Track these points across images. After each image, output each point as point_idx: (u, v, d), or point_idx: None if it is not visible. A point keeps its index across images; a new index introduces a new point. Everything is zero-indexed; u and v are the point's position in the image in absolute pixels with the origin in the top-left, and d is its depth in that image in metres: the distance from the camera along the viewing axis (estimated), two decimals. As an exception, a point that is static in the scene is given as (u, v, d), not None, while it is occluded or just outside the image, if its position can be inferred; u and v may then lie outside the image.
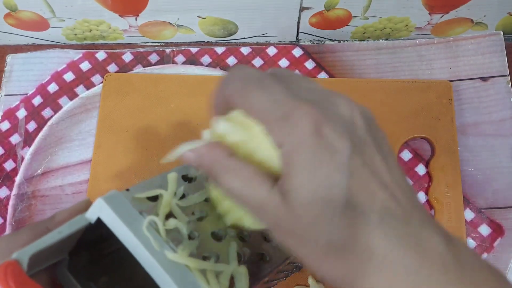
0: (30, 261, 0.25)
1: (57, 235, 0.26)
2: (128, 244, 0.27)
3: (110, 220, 0.27)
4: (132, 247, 0.27)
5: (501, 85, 0.51)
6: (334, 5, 0.50)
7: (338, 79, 0.52)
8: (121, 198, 0.28)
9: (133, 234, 0.26)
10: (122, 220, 0.27)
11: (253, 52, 0.54)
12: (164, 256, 0.27)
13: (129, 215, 0.27)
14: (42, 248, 0.25)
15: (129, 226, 0.27)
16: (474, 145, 0.49)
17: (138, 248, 0.26)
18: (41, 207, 0.49)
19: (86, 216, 0.28)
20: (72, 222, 0.27)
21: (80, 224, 0.27)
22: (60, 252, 0.28)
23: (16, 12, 0.52)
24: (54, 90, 0.53)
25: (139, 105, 0.51)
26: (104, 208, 0.27)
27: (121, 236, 0.27)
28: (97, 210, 0.27)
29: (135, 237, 0.26)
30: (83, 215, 0.28)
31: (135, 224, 0.27)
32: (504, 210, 0.47)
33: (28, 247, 0.25)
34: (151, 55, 0.54)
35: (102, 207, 0.27)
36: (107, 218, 0.27)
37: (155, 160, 0.49)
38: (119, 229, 0.27)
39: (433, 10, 0.51)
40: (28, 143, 0.51)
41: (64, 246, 0.28)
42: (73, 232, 0.27)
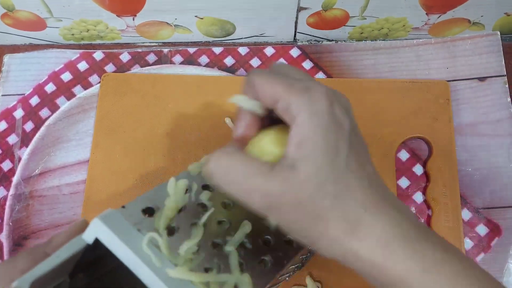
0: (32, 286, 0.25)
1: (55, 259, 0.26)
2: (128, 263, 0.26)
3: (108, 240, 0.27)
4: (133, 265, 0.26)
5: (498, 85, 0.51)
6: (332, 5, 0.50)
7: (335, 79, 0.52)
8: (117, 216, 0.28)
9: (133, 252, 0.26)
10: (120, 238, 0.27)
11: (250, 52, 0.54)
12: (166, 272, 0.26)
13: (127, 233, 0.27)
14: (42, 274, 0.25)
15: (128, 244, 0.27)
16: (472, 145, 0.49)
17: (139, 266, 0.26)
18: (38, 207, 0.49)
19: (84, 238, 0.27)
20: (70, 244, 0.27)
21: (78, 246, 0.27)
22: (60, 274, 0.28)
23: (13, 12, 0.52)
24: (52, 90, 0.53)
25: (137, 105, 0.51)
26: (101, 228, 0.27)
27: (120, 255, 0.27)
28: (94, 230, 0.27)
29: (135, 255, 0.26)
30: (80, 237, 0.28)
31: (134, 242, 0.27)
32: (501, 209, 0.47)
33: (28, 274, 0.25)
34: (149, 55, 0.54)
35: (99, 227, 0.27)
36: (105, 238, 0.27)
37: (153, 160, 0.49)
38: (118, 248, 0.27)
39: (430, 10, 0.51)
40: (25, 143, 0.51)
41: (63, 269, 0.28)
42: (72, 255, 0.27)
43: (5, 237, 0.48)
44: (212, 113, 0.50)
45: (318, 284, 0.44)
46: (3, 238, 0.48)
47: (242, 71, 0.53)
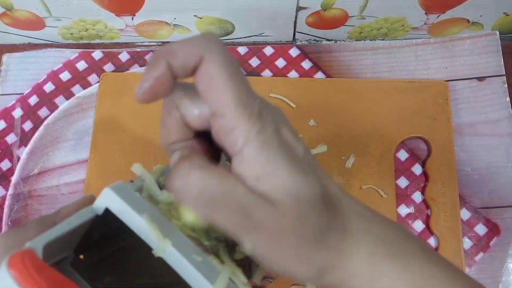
0: (43, 252, 0.24)
1: (67, 225, 0.26)
2: (139, 231, 0.26)
3: (119, 209, 0.26)
4: (143, 234, 0.26)
5: (497, 85, 0.51)
6: (331, 5, 0.50)
7: (334, 79, 0.52)
8: (127, 188, 0.28)
9: (144, 221, 0.26)
10: (132, 207, 0.26)
11: (250, 51, 0.54)
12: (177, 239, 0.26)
13: (138, 204, 0.27)
14: (54, 238, 0.25)
15: (139, 212, 0.26)
16: (470, 144, 0.49)
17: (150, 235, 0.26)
18: (37, 207, 0.49)
19: (94, 207, 0.27)
20: (80, 213, 0.27)
21: (88, 216, 0.27)
22: (66, 247, 0.28)
23: (12, 11, 0.52)
24: (50, 89, 0.53)
25: (136, 105, 0.51)
26: (112, 197, 0.27)
27: (130, 224, 0.26)
28: (105, 200, 0.27)
29: (147, 223, 0.26)
30: (90, 207, 0.27)
31: (144, 212, 0.27)
32: (500, 209, 0.47)
33: (41, 237, 0.25)
34: (148, 55, 0.54)
35: (110, 196, 0.27)
36: (116, 207, 0.26)
37: (152, 160, 0.49)
38: (129, 218, 0.26)
39: (429, 10, 0.51)
40: (24, 142, 0.51)
41: (70, 241, 0.27)
42: (81, 223, 0.26)
43: (4, 237, 0.48)
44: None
45: (317, 283, 0.44)
46: (2, 237, 0.48)
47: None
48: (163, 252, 0.26)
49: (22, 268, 0.22)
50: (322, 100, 0.51)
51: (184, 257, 0.25)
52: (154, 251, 0.26)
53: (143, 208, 0.27)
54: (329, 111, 0.50)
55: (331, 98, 0.50)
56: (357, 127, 0.49)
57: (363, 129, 0.49)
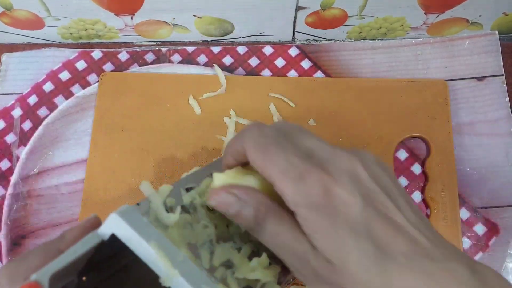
0: (49, 282, 0.24)
1: (72, 253, 0.26)
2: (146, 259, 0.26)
3: (126, 236, 0.26)
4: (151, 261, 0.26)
5: (496, 84, 0.51)
6: (330, 5, 0.50)
7: (334, 78, 0.52)
8: (134, 212, 0.28)
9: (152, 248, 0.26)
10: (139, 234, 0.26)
11: (249, 51, 0.54)
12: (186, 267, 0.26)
13: (146, 230, 0.27)
14: (60, 268, 0.25)
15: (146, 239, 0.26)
16: (470, 144, 0.49)
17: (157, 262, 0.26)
18: (36, 206, 0.49)
19: (99, 233, 0.27)
20: (86, 240, 0.26)
21: (94, 241, 0.27)
22: (70, 273, 0.27)
23: (11, 11, 0.52)
24: (50, 89, 0.53)
25: (135, 105, 0.51)
26: (119, 223, 0.26)
27: (138, 251, 0.26)
28: (112, 226, 0.27)
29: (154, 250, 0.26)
30: (95, 232, 0.27)
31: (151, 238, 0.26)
32: (499, 209, 0.47)
33: (47, 267, 0.24)
34: (147, 54, 0.54)
35: (117, 222, 0.26)
36: (123, 233, 0.26)
37: (151, 160, 0.49)
38: (136, 245, 0.26)
39: (428, 9, 0.51)
40: (24, 142, 0.51)
41: (75, 267, 0.27)
42: (87, 250, 0.26)
43: (3, 237, 0.48)
44: (211, 112, 0.50)
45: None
46: (1, 237, 0.48)
47: (241, 70, 0.53)
48: (171, 282, 0.26)
49: None
50: (321, 99, 0.51)
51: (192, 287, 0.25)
52: (162, 280, 0.26)
53: (150, 234, 0.27)
54: (329, 111, 0.50)
55: (331, 97, 0.50)
56: (357, 127, 0.49)
57: (363, 128, 0.49)
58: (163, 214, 0.29)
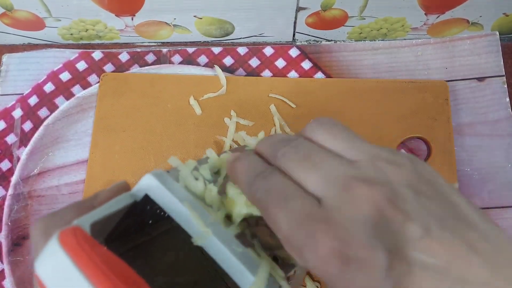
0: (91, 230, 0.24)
1: (109, 207, 0.26)
2: (179, 219, 0.26)
3: (160, 196, 0.26)
4: (184, 221, 0.26)
5: (497, 85, 0.51)
6: (331, 6, 0.50)
7: (334, 79, 0.52)
8: (167, 176, 0.28)
9: (186, 208, 0.26)
10: (174, 195, 0.26)
11: (249, 52, 0.54)
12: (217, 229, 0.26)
13: (178, 192, 0.27)
14: (99, 219, 0.25)
15: (180, 199, 0.26)
16: (470, 145, 0.49)
17: (192, 223, 0.25)
18: (37, 207, 0.49)
19: (133, 193, 0.27)
20: (120, 198, 0.26)
21: (128, 201, 0.27)
22: (104, 232, 0.27)
23: (12, 11, 0.52)
24: (50, 90, 0.53)
25: (136, 105, 0.51)
26: (154, 183, 0.26)
27: (171, 211, 0.26)
28: (146, 186, 0.27)
29: (188, 210, 0.26)
30: (129, 193, 0.27)
31: (185, 200, 0.26)
32: (500, 210, 0.47)
33: (87, 215, 0.24)
34: (148, 55, 0.54)
35: (151, 182, 0.26)
36: (157, 193, 0.26)
37: (152, 160, 0.49)
38: (170, 205, 0.26)
39: (429, 10, 0.51)
40: (24, 143, 0.51)
41: (102, 230, 0.27)
42: (122, 208, 0.26)
43: (4, 237, 0.48)
44: (211, 113, 0.50)
45: (317, 284, 0.44)
46: (2, 238, 0.48)
47: (241, 71, 0.53)
48: (204, 241, 0.25)
49: (75, 243, 0.21)
50: (322, 100, 0.51)
51: (226, 247, 0.25)
52: (194, 239, 0.25)
53: (183, 196, 0.27)
54: (329, 112, 0.50)
55: (331, 98, 0.50)
56: (357, 128, 0.49)
57: (363, 129, 0.49)
58: (191, 182, 0.29)
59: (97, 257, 0.20)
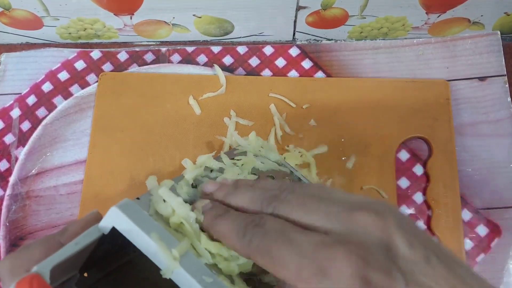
0: (51, 275, 0.24)
1: (74, 246, 0.26)
2: (146, 251, 0.26)
3: (126, 229, 0.26)
4: (151, 254, 0.26)
5: (498, 85, 0.51)
6: (331, 4, 0.50)
7: (335, 78, 0.52)
8: (134, 206, 0.28)
9: (152, 240, 0.26)
10: (139, 227, 0.26)
11: (249, 51, 0.54)
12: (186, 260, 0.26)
13: (146, 223, 0.27)
14: (61, 261, 0.25)
15: (146, 232, 0.26)
16: (472, 145, 0.49)
17: (158, 255, 0.26)
18: (35, 207, 0.48)
19: (100, 226, 0.27)
20: (87, 233, 0.27)
21: (95, 235, 0.27)
22: (71, 268, 0.27)
23: (10, 10, 0.52)
24: (49, 89, 0.53)
25: (135, 105, 0.51)
26: (119, 216, 0.26)
27: (138, 244, 0.26)
28: (112, 219, 0.27)
29: (154, 243, 0.26)
30: (97, 226, 0.27)
31: (151, 231, 0.27)
32: (501, 210, 0.47)
33: (48, 260, 0.24)
34: (147, 54, 0.54)
35: (117, 215, 0.26)
36: (123, 226, 0.26)
37: (151, 160, 0.48)
38: (137, 238, 0.26)
39: (430, 9, 0.51)
40: (22, 143, 0.51)
41: (76, 261, 0.27)
42: (88, 244, 0.26)
43: (2, 238, 0.47)
44: (210, 113, 0.50)
45: None
46: (0, 239, 0.47)
47: (241, 70, 0.53)
48: (171, 274, 0.25)
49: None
50: (322, 100, 0.50)
51: (194, 279, 0.25)
52: (163, 272, 0.26)
53: (151, 227, 0.27)
54: (330, 111, 0.50)
55: (332, 98, 0.50)
56: (358, 127, 0.49)
57: (364, 129, 0.49)
58: (160, 205, 0.29)
59: None
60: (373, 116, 0.49)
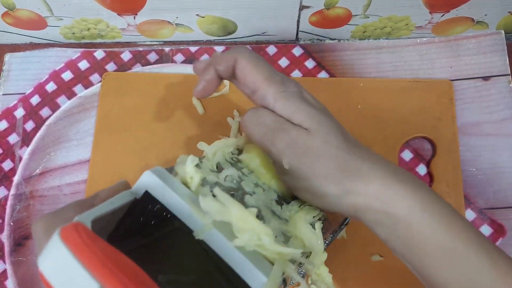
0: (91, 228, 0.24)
1: (110, 205, 0.26)
2: (180, 214, 0.26)
3: (160, 192, 0.26)
4: (184, 216, 0.26)
5: (502, 84, 0.51)
6: (334, 4, 0.50)
7: (338, 78, 0.52)
8: (166, 173, 0.28)
9: (186, 202, 0.26)
10: (173, 189, 0.26)
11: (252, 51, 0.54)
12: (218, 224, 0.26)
13: (178, 188, 0.27)
14: (99, 216, 0.25)
15: (179, 194, 0.26)
16: (475, 145, 0.49)
17: (193, 218, 0.26)
18: (39, 207, 0.48)
19: (133, 191, 0.27)
20: (120, 196, 0.27)
21: (128, 198, 0.27)
22: (104, 230, 0.27)
23: (14, 11, 0.52)
24: (52, 89, 0.53)
25: (138, 104, 0.51)
26: (153, 180, 0.27)
27: (171, 206, 0.26)
28: (145, 182, 0.27)
29: (188, 205, 0.26)
30: (129, 191, 0.27)
31: (185, 193, 0.27)
32: (505, 210, 0.47)
33: (88, 212, 0.24)
34: (150, 54, 0.54)
35: (151, 178, 0.27)
36: (157, 189, 0.26)
37: (154, 160, 0.49)
38: (170, 200, 0.26)
39: (433, 9, 0.51)
40: (26, 142, 0.51)
41: (104, 228, 0.27)
42: (122, 205, 0.26)
43: (6, 237, 0.48)
44: (214, 112, 0.50)
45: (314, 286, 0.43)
46: (4, 238, 0.48)
47: (244, 70, 0.53)
48: (204, 234, 0.25)
49: (77, 238, 0.21)
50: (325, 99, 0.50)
51: (227, 239, 0.25)
52: (195, 233, 0.26)
53: (183, 192, 0.27)
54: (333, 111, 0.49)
55: (335, 97, 0.50)
56: (361, 127, 0.49)
57: (367, 128, 0.49)
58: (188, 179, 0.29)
59: (100, 251, 0.20)
60: (376, 115, 0.49)
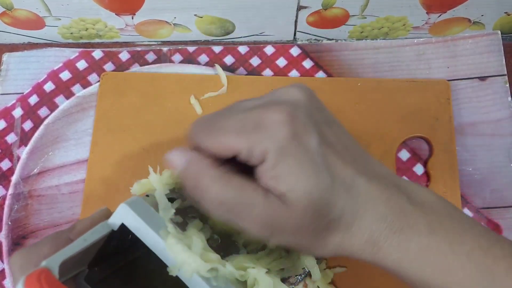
0: (59, 270, 0.24)
1: (82, 242, 0.26)
2: (154, 248, 0.26)
3: (135, 225, 0.27)
4: (159, 251, 0.26)
5: (498, 84, 0.51)
6: (332, 4, 0.50)
7: (335, 78, 0.52)
8: (143, 203, 0.28)
9: (160, 237, 0.26)
10: (148, 224, 0.26)
11: (250, 51, 0.54)
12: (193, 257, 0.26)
13: (154, 220, 0.27)
14: (70, 256, 0.25)
15: (155, 229, 0.26)
16: (472, 144, 0.49)
17: (165, 252, 0.26)
18: (37, 207, 0.48)
19: (109, 223, 0.27)
20: (96, 229, 0.27)
21: (104, 231, 0.27)
22: (80, 263, 0.28)
23: (12, 10, 0.52)
24: (51, 89, 0.53)
25: (136, 104, 0.51)
26: (128, 213, 0.27)
27: (146, 241, 0.26)
28: (121, 215, 0.27)
29: (162, 240, 0.26)
30: (106, 222, 0.27)
31: (161, 228, 0.27)
32: (502, 209, 0.47)
33: (57, 255, 0.25)
34: (148, 54, 0.54)
35: (126, 212, 0.27)
36: (132, 223, 0.27)
37: (153, 160, 0.49)
38: (145, 234, 0.26)
39: (430, 9, 0.51)
40: (24, 142, 0.51)
41: (85, 257, 0.27)
42: (97, 240, 0.27)
43: (4, 237, 0.48)
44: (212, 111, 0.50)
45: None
46: (2, 237, 0.48)
47: (242, 70, 0.53)
48: (178, 271, 0.26)
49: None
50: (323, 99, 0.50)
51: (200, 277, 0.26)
52: (169, 269, 0.26)
53: (159, 224, 0.27)
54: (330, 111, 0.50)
55: (332, 97, 0.50)
56: (358, 127, 0.49)
57: (364, 128, 0.49)
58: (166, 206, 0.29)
59: None
60: (373, 115, 0.49)
